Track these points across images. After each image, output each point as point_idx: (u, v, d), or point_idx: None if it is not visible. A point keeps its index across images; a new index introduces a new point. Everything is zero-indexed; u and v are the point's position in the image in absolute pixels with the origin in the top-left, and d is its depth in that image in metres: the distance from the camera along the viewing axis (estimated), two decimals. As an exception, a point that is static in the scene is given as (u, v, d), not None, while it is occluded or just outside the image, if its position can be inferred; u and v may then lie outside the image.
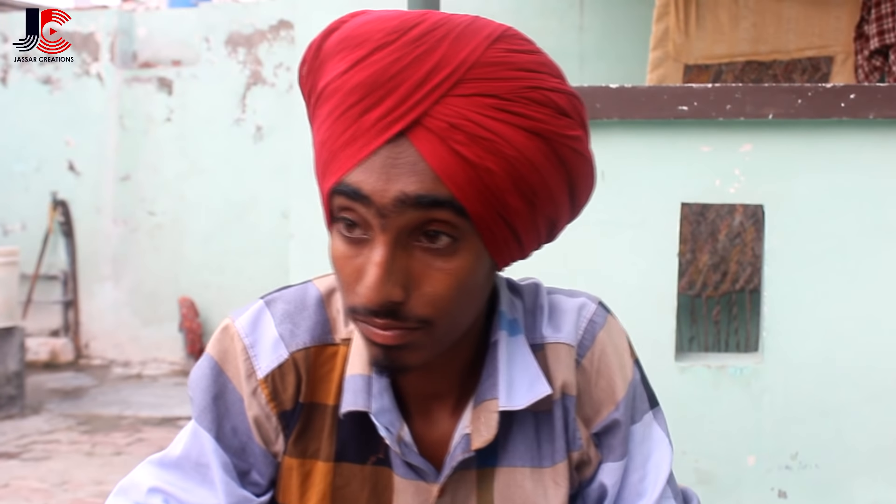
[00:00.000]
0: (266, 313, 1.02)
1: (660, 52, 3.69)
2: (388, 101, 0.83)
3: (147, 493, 1.03)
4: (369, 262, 0.85)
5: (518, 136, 0.85)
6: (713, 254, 3.67)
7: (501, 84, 0.85)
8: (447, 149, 0.83)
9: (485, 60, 0.84)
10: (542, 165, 0.87)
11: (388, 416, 0.97)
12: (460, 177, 0.84)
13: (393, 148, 0.83)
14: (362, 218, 0.86)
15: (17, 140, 7.42)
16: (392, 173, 0.83)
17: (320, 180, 0.90)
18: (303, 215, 2.33)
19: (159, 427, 4.98)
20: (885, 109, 2.02)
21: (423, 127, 0.83)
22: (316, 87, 0.90)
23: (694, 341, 3.72)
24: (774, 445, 2.10)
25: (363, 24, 0.87)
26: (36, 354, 6.93)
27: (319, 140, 0.89)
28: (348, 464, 1.01)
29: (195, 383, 1.02)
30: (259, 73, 7.17)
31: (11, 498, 3.62)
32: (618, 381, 1.05)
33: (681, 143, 2.10)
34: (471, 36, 0.85)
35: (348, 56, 0.86)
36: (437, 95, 0.83)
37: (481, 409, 0.98)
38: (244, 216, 7.06)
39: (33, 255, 7.22)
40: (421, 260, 0.86)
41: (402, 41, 0.84)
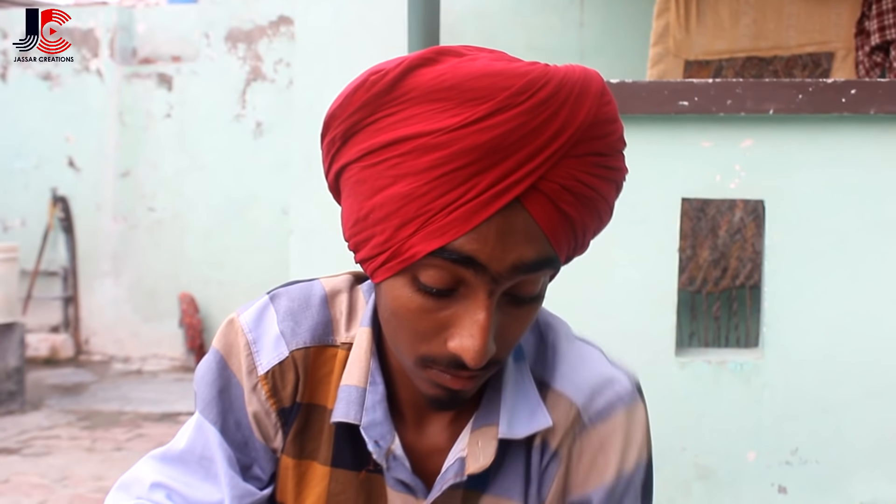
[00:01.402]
0: (270, 309, 1.01)
1: (660, 47, 3.69)
2: (505, 164, 0.78)
3: (150, 489, 1.02)
4: (468, 321, 0.83)
5: (608, 188, 0.85)
6: (713, 250, 3.67)
7: (604, 140, 0.83)
8: (556, 210, 0.81)
9: (596, 119, 0.82)
10: (612, 204, 0.89)
11: (378, 429, 0.96)
12: (562, 235, 0.83)
13: (507, 213, 0.80)
14: (460, 280, 0.82)
15: (17, 136, 7.42)
16: (508, 240, 0.80)
17: (390, 232, 0.83)
18: (303, 211, 2.33)
19: (159, 423, 4.98)
20: (885, 105, 2.02)
21: (536, 190, 0.80)
22: (383, 127, 0.82)
23: (694, 337, 3.72)
24: (774, 441, 2.10)
25: (478, 75, 0.79)
26: (36, 350, 6.93)
27: (398, 192, 0.81)
28: (344, 470, 1.00)
29: (201, 376, 1.02)
30: (259, 69, 7.16)
31: (11, 493, 3.62)
32: (611, 466, 0.99)
33: (681, 139, 2.10)
34: (586, 93, 0.81)
35: (459, 111, 0.78)
36: (556, 159, 0.80)
37: (480, 433, 0.97)
38: (244, 212, 7.05)
39: (33, 252, 7.21)
40: (507, 312, 0.86)
41: (530, 104, 0.78)
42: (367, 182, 0.83)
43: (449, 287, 0.83)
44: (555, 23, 5.16)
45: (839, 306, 2.08)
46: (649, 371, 2.14)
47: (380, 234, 0.83)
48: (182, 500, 1.02)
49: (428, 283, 0.83)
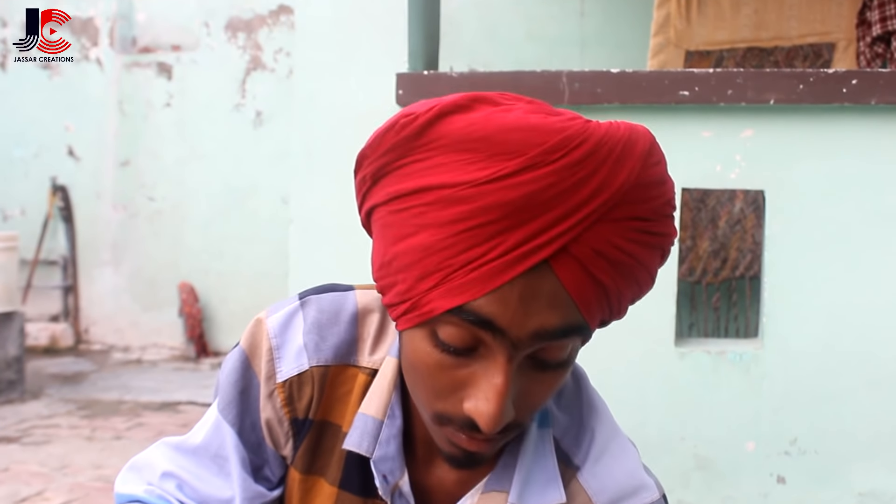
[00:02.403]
0: (299, 316, 0.98)
1: (661, 38, 3.68)
2: (533, 224, 0.74)
3: (161, 477, 1.02)
4: (485, 384, 0.79)
5: (649, 254, 0.80)
6: (713, 240, 3.67)
7: (648, 205, 0.78)
8: (588, 276, 0.76)
9: (639, 182, 0.76)
10: (654, 271, 0.84)
11: (389, 464, 0.94)
12: (593, 302, 0.78)
13: (532, 276, 0.75)
14: (479, 341, 0.79)
15: (17, 125, 7.41)
16: (532, 305, 0.76)
17: (410, 282, 0.80)
18: (302, 201, 2.33)
19: (159, 412, 4.98)
20: (886, 95, 2.01)
21: (567, 254, 0.75)
22: (411, 173, 0.78)
23: (694, 328, 3.73)
24: (773, 431, 2.10)
25: (511, 128, 0.75)
26: (36, 339, 6.93)
27: (421, 243, 0.77)
28: (350, 495, 0.99)
29: (225, 374, 1.00)
30: (259, 58, 7.15)
31: (11, 482, 3.62)
32: None
33: (682, 129, 2.10)
34: (629, 154, 0.76)
35: (489, 164, 0.74)
36: (590, 222, 0.75)
37: (489, 497, 0.94)
38: (244, 202, 7.05)
39: (33, 241, 7.21)
40: (530, 376, 0.82)
41: (564, 163, 0.74)
42: (393, 228, 0.80)
43: (468, 346, 0.79)
44: (555, 12, 5.15)
45: (839, 297, 2.08)
46: (649, 361, 2.14)
47: (401, 283, 0.80)
48: (193, 493, 1.01)
49: (446, 341, 0.79)
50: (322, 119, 2.26)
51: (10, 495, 3.45)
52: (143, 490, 1.02)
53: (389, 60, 2.25)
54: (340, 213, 2.27)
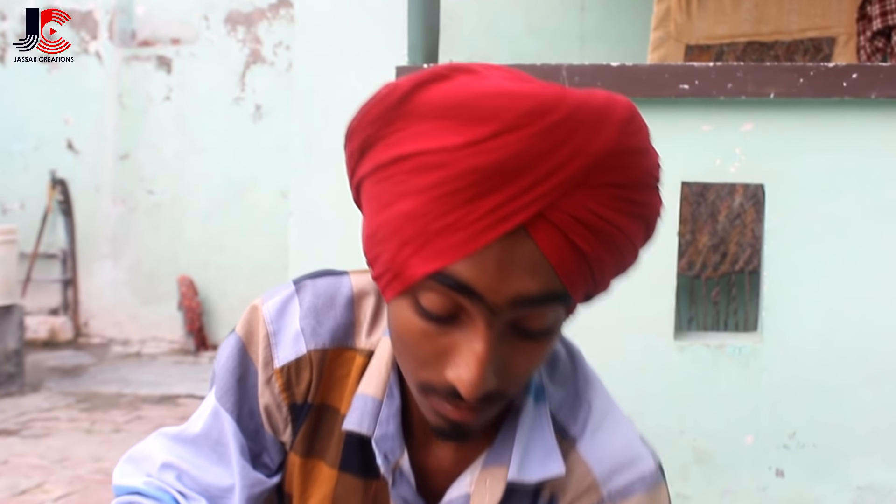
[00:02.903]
0: (294, 302, 0.99)
1: (661, 32, 3.68)
2: (509, 188, 0.74)
3: (160, 468, 1.02)
4: (466, 351, 0.80)
5: (630, 223, 0.80)
6: (713, 235, 3.67)
7: (626, 172, 0.78)
8: (567, 242, 0.77)
9: (616, 149, 0.76)
10: (638, 243, 0.84)
11: (389, 443, 0.95)
12: (574, 270, 0.78)
13: (510, 241, 0.75)
14: (460, 307, 0.79)
15: (16, 119, 7.40)
16: (508, 270, 0.76)
17: (393, 251, 0.80)
18: (302, 194, 2.33)
19: (158, 405, 4.99)
20: (887, 89, 2.01)
21: (545, 219, 0.75)
22: (393, 143, 0.79)
23: (693, 322, 3.73)
24: (772, 425, 2.10)
25: (485, 95, 0.75)
26: (35, 333, 6.93)
27: (401, 210, 0.78)
28: (351, 476, 1.00)
29: (222, 362, 1.00)
30: (258, 51, 7.14)
31: (11, 474, 3.63)
32: None
33: (681, 122, 2.10)
34: (605, 121, 0.76)
35: (464, 130, 0.75)
36: (567, 187, 0.75)
37: (489, 472, 0.95)
38: (243, 195, 7.04)
39: (32, 234, 7.21)
40: (514, 345, 0.82)
41: (537, 127, 0.74)
42: (377, 198, 0.81)
43: (449, 313, 0.80)
44: (556, 6, 5.14)
45: (838, 291, 2.08)
46: (648, 354, 2.14)
47: (385, 253, 0.81)
48: (192, 483, 1.02)
49: (428, 308, 0.80)
50: (322, 112, 2.25)
51: (10, 487, 3.45)
52: (143, 482, 1.02)
53: (389, 54, 2.25)
54: (340, 206, 2.26)
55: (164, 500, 1.00)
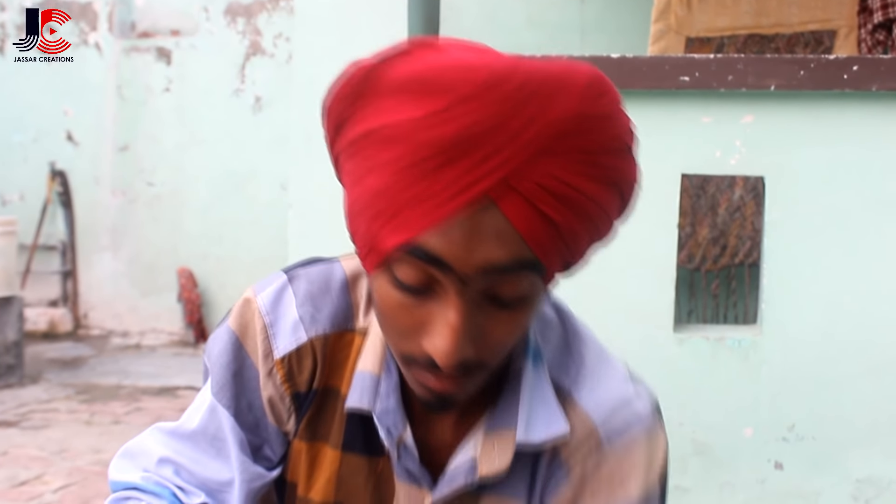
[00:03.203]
0: (288, 291, 0.99)
1: (661, 24, 3.67)
2: (469, 158, 0.75)
3: (157, 463, 1.02)
4: (440, 321, 0.81)
5: (600, 190, 0.81)
6: (713, 227, 3.67)
7: (590, 138, 0.78)
8: (534, 211, 0.77)
9: (577, 114, 0.77)
10: (612, 211, 0.84)
11: (391, 417, 0.95)
12: (544, 238, 0.79)
13: (476, 211, 0.76)
14: (432, 278, 0.80)
15: (16, 110, 7.39)
16: (475, 239, 0.77)
17: (366, 224, 0.82)
18: (301, 186, 2.32)
19: (158, 396, 4.99)
20: (887, 82, 2.01)
21: (510, 188, 0.76)
22: (360, 119, 0.81)
23: (692, 315, 3.73)
24: (771, 417, 2.10)
25: (441, 68, 0.77)
26: (35, 324, 6.93)
27: (370, 184, 0.80)
28: (355, 455, 1.00)
29: (215, 357, 1.00)
30: (258, 43, 7.13)
31: (10, 465, 3.63)
32: (621, 491, 0.97)
33: (682, 114, 2.10)
34: (563, 87, 0.77)
35: (423, 103, 0.76)
36: (527, 155, 0.76)
37: (495, 436, 0.95)
38: (243, 187, 7.04)
39: (32, 226, 7.20)
40: (490, 314, 0.83)
41: (491, 97, 0.75)
42: (351, 173, 0.83)
43: (423, 284, 0.81)
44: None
45: (838, 284, 2.08)
46: (647, 347, 2.14)
47: (362, 227, 0.83)
48: (190, 477, 1.02)
49: (402, 280, 0.81)
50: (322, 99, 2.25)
51: (9, 479, 3.46)
52: (140, 477, 1.02)
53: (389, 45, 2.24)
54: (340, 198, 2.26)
55: (163, 495, 1.00)
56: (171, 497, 1.00)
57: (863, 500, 2.09)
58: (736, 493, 2.11)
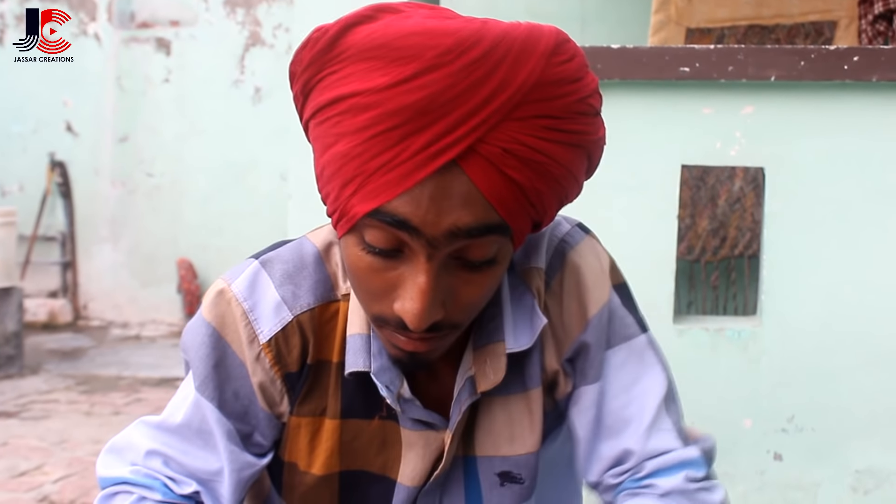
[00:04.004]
0: (263, 275, 0.99)
1: (662, 15, 3.66)
2: (438, 126, 0.76)
3: (146, 456, 1.01)
4: (410, 283, 0.82)
5: (565, 152, 0.82)
6: (712, 219, 3.66)
7: (555, 102, 0.80)
8: (500, 175, 0.79)
9: (542, 80, 0.78)
10: (578, 171, 0.86)
11: (388, 374, 0.95)
12: (510, 201, 0.80)
13: (443, 176, 0.78)
14: (402, 242, 0.81)
15: (15, 101, 7.38)
16: (443, 204, 0.78)
17: (337, 190, 0.83)
18: (301, 177, 2.32)
19: (157, 387, 4.99)
20: (888, 72, 2.00)
21: (475, 153, 0.77)
22: (327, 85, 0.81)
23: (692, 306, 3.73)
24: (771, 408, 2.10)
25: (407, 34, 0.77)
26: (34, 315, 6.93)
27: (339, 151, 0.80)
28: (355, 420, 1.00)
29: (193, 350, 1.00)
30: (258, 33, 7.12)
31: (10, 456, 3.64)
32: (587, 303, 1.01)
33: (682, 105, 2.09)
34: (529, 53, 0.78)
35: (389, 70, 0.77)
36: (494, 121, 0.77)
37: (486, 351, 0.97)
38: (243, 178, 7.04)
39: (31, 216, 7.20)
40: (459, 276, 0.84)
41: (458, 64, 0.76)
42: (319, 139, 0.84)
43: (393, 248, 0.82)
44: (556, -11, 5.11)
45: (838, 275, 2.08)
46: (647, 338, 2.14)
47: (332, 192, 0.84)
48: (179, 468, 1.01)
49: (372, 244, 0.83)
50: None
51: (9, 469, 3.46)
52: (129, 471, 1.02)
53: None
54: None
55: (154, 487, 1.00)
56: (162, 488, 1.00)
57: (862, 491, 2.09)
58: (735, 484, 2.11)
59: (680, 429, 1.05)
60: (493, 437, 1.02)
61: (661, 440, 1.02)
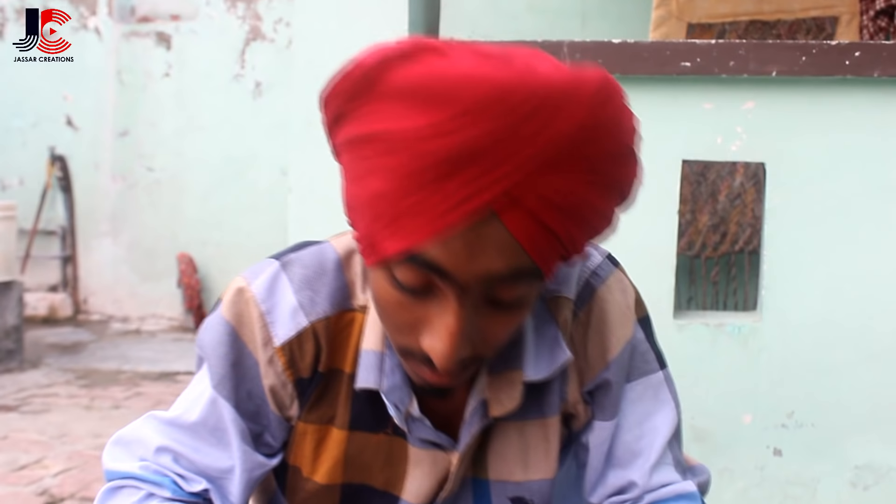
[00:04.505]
0: (283, 277, 0.98)
1: (663, 10, 3.66)
2: (473, 170, 0.74)
3: (155, 452, 1.01)
4: (438, 323, 0.82)
5: (602, 195, 0.80)
6: (713, 214, 3.66)
7: (597, 150, 0.77)
8: (535, 222, 0.77)
9: (583, 127, 0.75)
10: (612, 211, 0.84)
11: (398, 393, 0.95)
12: (544, 247, 0.79)
13: (479, 223, 0.76)
14: (432, 281, 0.81)
15: (15, 95, 7.38)
16: (476, 250, 0.77)
17: (366, 223, 0.82)
18: (301, 171, 2.32)
19: (157, 381, 5.00)
20: (889, 68, 2.00)
21: (511, 199, 0.75)
22: (361, 119, 0.80)
23: (692, 302, 3.73)
24: (771, 404, 2.10)
25: (448, 77, 0.75)
26: (35, 309, 6.93)
27: (371, 187, 0.79)
28: (362, 433, 1.00)
29: (212, 348, 0.99)
30: (258, 28, 7.11)
31: (10, 450, 3.64)
32: (612, 340, 1.02)
33: (683, 100, 2.09)
34: (571, 101, 0.75)
35: (426, 112, 0.75)
36: (531, 168, 0.75)
37: (503, 377, 0.97)
38: (243, 172, 7.03)
39: (31, 211, 7.20)
40: (488, 315, 0.84)
41: (499, 110, 0.73)
42: (350, 171, 0.83)
43: (423, 286, 0.81)
44: (557, -17, 5.11)
45: (838, 271, 2.08)
46: (647, 333, 2.14)
47: (361, 223, 0.83)
48: (190, 465, 1.01)
49: (402, 281, 0.82)
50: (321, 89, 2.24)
51: (9, 462, 3.46)
52: (138, 466, 1.01)
53: (390, 31, 2.23)
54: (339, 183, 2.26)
55: (163, 484, 0.99)
56: (171, 485, 0.99)
57: (861, 486, 2.09)
58: (735, 479, 2.11)
59: (680, 461, 1.08)
60: (506, 462, 1.02)
61: (663, 475, 1.05)
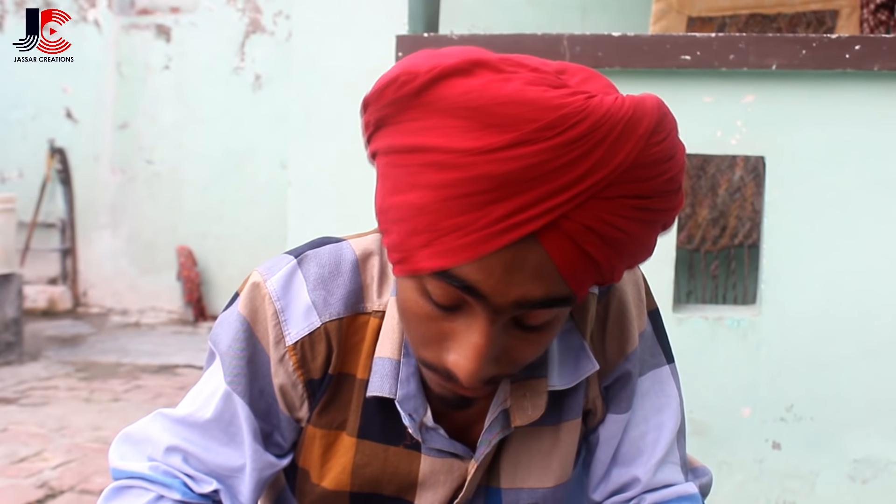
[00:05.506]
0: (298, 275, 0.97)
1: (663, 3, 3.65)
2: (522, 198, 0.73)
3: (165, 452, 1.00)
4: (465, 340, 0.81)
5: (646, 230, 0.80)
6: (713, 208, 3.66)
7: (646, 184, 0.76)
8: (577, 250, 0.76)
9: (638, 161, 0.74)
10: (652, 242, 0.83)
11: (412, 402, 0.95)
12: (582, 274, 0.78)
13: (518, 247, 0.75)
14: (463, 299, 0.80)
15: (15, 87, 7.36)
16: (515, 275, 0.76)
17: (402, 236, 0.80)
18: (301, 164, 2.32)
19: (157, 374, 5.00)
20: (889, 61, 2.00)
21: (556, 228, 0.74)
22: (408, 130, 0.78)
23: (691, 296, 3.73)
24: (770, 397, 2.11)
25: (507, 101, 0.73)
26: (34, 302, 6.93)
27: (413, 201, 0.77)
28: (372, 442, 0.99)
29: (227, 344, 0.98)
30: (258, 20, 7.10)
31: (10, 442, 3.64)
32: (631, 332, 1.02)
33: (683, 93, 2.09)
34: (629, 134, 0.73)
35: (481, 135, 0.73)
36: (582, 199, 0.74)
37: (526, 386, 0.96)
38: (242, 165, 7.03)
39: (31, 203, 7.19)
40: (516, 336, 0.83)
41: (557, 141, 0.72)
42: (390, 179, 0.81)
43: (453, 304, 0.81)
44: (557, -23, 5.10)
45: (837, 264, 2.08)
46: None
47: (395, 234, 0.81)
48: (200, 465, 1.00)
49: (433, 296, 0.81)
50: (321, 82, 2.24)
51: (9, 455, 3.46)
52: (148, 467, 1.00)
53: (389, 23, 2.23)
54: (339, 176, 2.26)
55: (173, 486, 0.98)
56: (181, 487, 0.99)
57: (860, 480, 2.10)
58: (734, 472, 2.12)
59: (684, 462, 1.08)
60: (520, 470, 1.02)
61: (666, 473, 1.04)
